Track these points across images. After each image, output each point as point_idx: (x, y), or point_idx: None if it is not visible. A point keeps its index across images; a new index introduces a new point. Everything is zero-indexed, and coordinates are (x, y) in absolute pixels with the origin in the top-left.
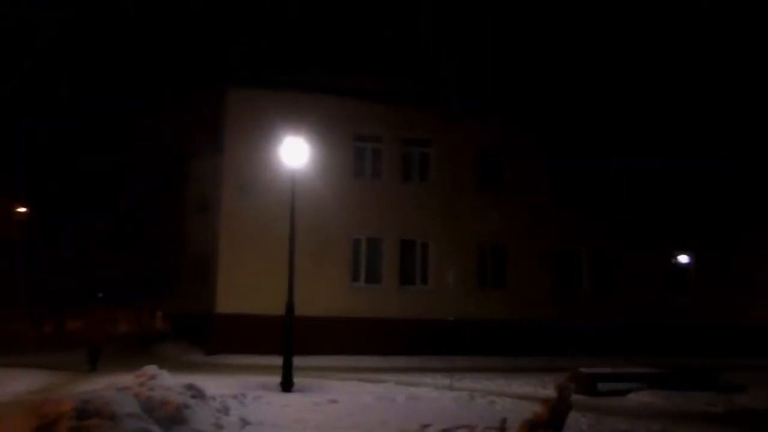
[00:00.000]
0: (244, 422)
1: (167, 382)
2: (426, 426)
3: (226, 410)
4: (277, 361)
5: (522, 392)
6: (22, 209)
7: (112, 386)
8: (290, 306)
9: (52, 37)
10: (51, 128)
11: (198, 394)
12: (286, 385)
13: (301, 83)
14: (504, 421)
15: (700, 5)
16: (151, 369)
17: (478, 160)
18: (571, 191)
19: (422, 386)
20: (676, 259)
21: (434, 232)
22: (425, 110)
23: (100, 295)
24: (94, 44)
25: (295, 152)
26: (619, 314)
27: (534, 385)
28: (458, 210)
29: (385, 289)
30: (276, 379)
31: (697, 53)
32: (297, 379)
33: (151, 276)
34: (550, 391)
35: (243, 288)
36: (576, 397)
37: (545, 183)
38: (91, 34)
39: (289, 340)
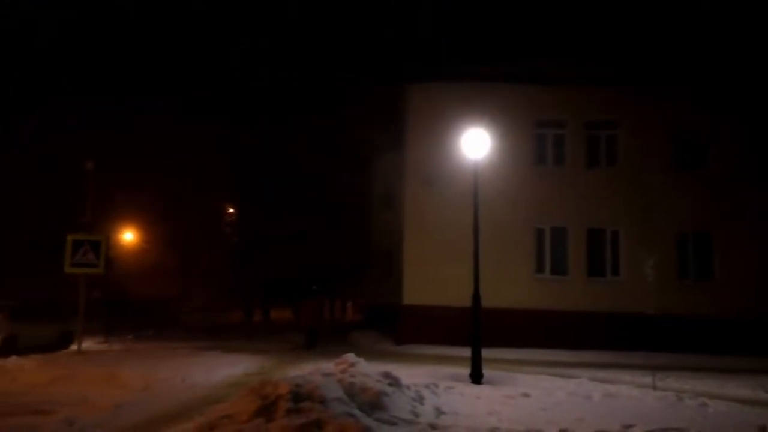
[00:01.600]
0: (439, 411)
1: (365, 370)
2: (628, 426)
3: (420, 399)
4: (464, 352)
5: (739, 395)
6: (232, 210)
7: (318, 372)
8: (477, 297)
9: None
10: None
11: (394, 382)
12: (476, 377)
13: (479, 74)
14: (764, 429)
15: None
16: (351, 357)
17: (673, 139)
18: None
19: (620, 384)
20: None
21: (625, 219)
22: (611, 90)
23: (314, 287)
24: (283, 44)
25: (476, 143)
26: None
27: (753, 388)
28: (652, 194)
29: (572, 280)
30: (464, 371)
31: None
32: (485, 371)
33: (341, 269)
34: None
35: (428, 280)
36: None
37: (755, 160)
38: (280, 33)
39: (476, 332)
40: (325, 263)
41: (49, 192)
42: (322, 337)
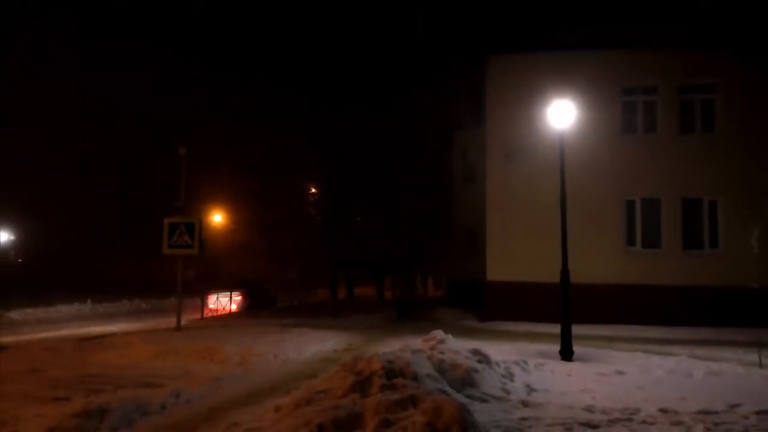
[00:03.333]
0: (530, 389)
1: (454, 347)
2: (735, 406)
3: (510, 376)
4: (550, 328)
5: None
6: (314, 190)
7: (407, 349)
8: (565, 272)
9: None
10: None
11: (484, 359)
12: (566, 354)
13: (560, 43)
14: None
15: None
16: (439, 334)
17: None
18: None
19: (722, 361)
20: None
21: (724, 188)
22: (706, 52)
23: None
24: (362, 21)
25: (561, 114)
26: None
27: None
28: (754, 160)
29: (666, 253)
30: (553, 348)
31: None
32: (575, 348)
33: (422, 245)
34: None
35: (512, 256)
36: None
37: None
38: (358, 10)
39: (566, 308)
40: (407, 239)
41: (145, 177)
42: (406, 313)
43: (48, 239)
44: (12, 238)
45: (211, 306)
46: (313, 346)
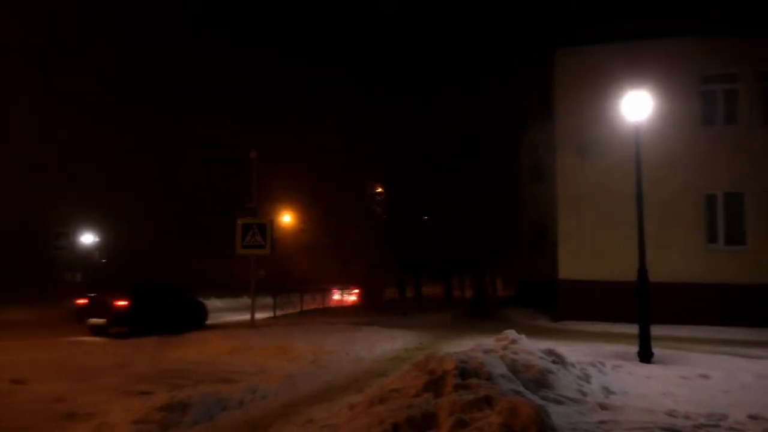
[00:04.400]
0: (607, 391)
1: (527, 347)
2: None
3: (587, 378)
4: (627, 329)
5: None
6: (380, 189)
7: (479, 348)
8: (643, 270)
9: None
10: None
11: (558, 359)
12: (645, 356)
13: (633, 31)
14: None
15: None
16: (511, 333)
17: None
18: None
19: None
20: None
21: None
22: None
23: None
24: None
25: (636, 106)
26: None
27: None
28: None
29: (752, 250)
30: (630, 349)
31: None
32: (655, 350)
33: (489, 243)
34: None
35: (585, 254)
36: None
37: None
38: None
39: (644, 307)
40: (475, 238)
41: (218, 178)
42: (474, 313)
43: (128, 240)
44: (96, 239)
45: (335, 297)
46: (383, 345)
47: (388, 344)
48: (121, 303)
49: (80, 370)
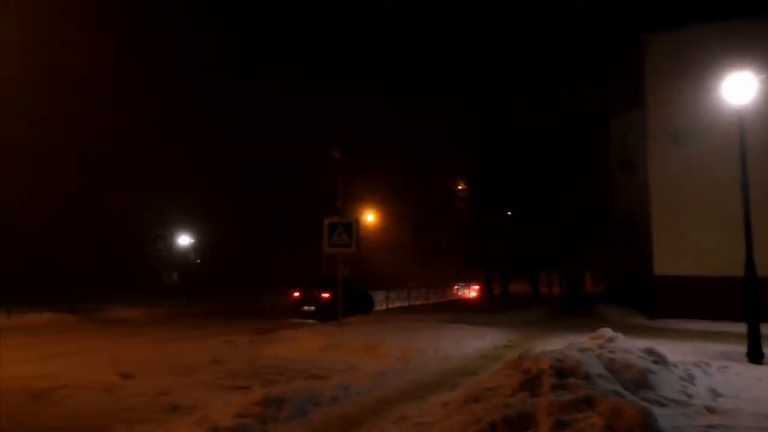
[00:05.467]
0: (714, 393)
1: (625, 345)
2: None
3: (690, 379)
4: (730, 327)
5: None
6: (462, 186)
7: (573, 347)
8: (750, 264)
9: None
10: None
11: (659, 359)
12: (755, 356)
13: (730, 10)
14: None
15: None
16: (607, 332)
17: None
18: None
19: None
20: None
21: None
22: None
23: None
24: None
25: (740, 88)
26: None
27: None
28: None
29: None
30: (737, 348)
31: None
32: (766, 350)
33: (577, 239)
34: None
35: (682, 247)
36: None
37: None
38: None
39: (753, 304)
40: (562, 232)
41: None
42: (564, 310)
43: (221, 241)
44: (192, 241)
45: (458, 293)
46: (471, 342)
47: (476, 342)
48: (326, 295)
49: (181, 366)
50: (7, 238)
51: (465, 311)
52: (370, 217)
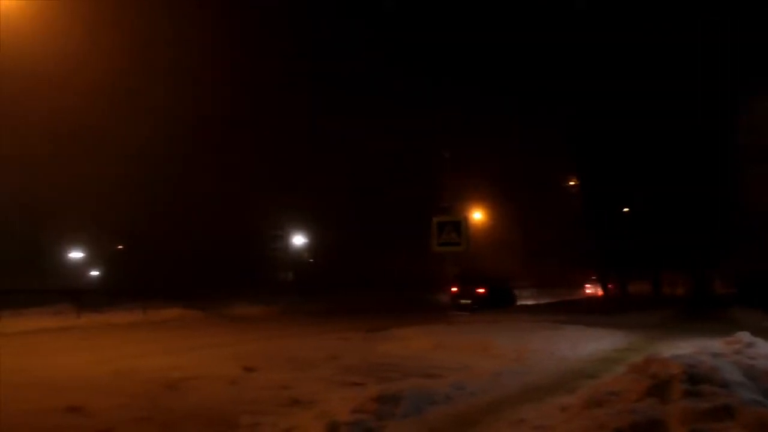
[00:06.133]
0: None
1: (765, 351)
2: None
3: None
4: None
5: None
6: (573, 183)
7: (704, 352)
8: None
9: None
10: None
11: None
12: None
13: None
14: None
15: None
16: (745, 336)
17: None
18: None
19: None
20: None
21: None
22: None
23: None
24: None
25: None
26: None
27: None
28: None
29: None
30: None
31: None
32: None
33: (704, 236)
34: None
35: None
36: None
37: None
38: None
39: None
40: (686, 230)
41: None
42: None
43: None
44: (306, 241)
45: (588, 291)
46: (589, 344)
47: (594, 344)
48: (481, 290)
49: (299, 361)
50: (147, 239)
51: (581, 312)
52: (477, 215)
